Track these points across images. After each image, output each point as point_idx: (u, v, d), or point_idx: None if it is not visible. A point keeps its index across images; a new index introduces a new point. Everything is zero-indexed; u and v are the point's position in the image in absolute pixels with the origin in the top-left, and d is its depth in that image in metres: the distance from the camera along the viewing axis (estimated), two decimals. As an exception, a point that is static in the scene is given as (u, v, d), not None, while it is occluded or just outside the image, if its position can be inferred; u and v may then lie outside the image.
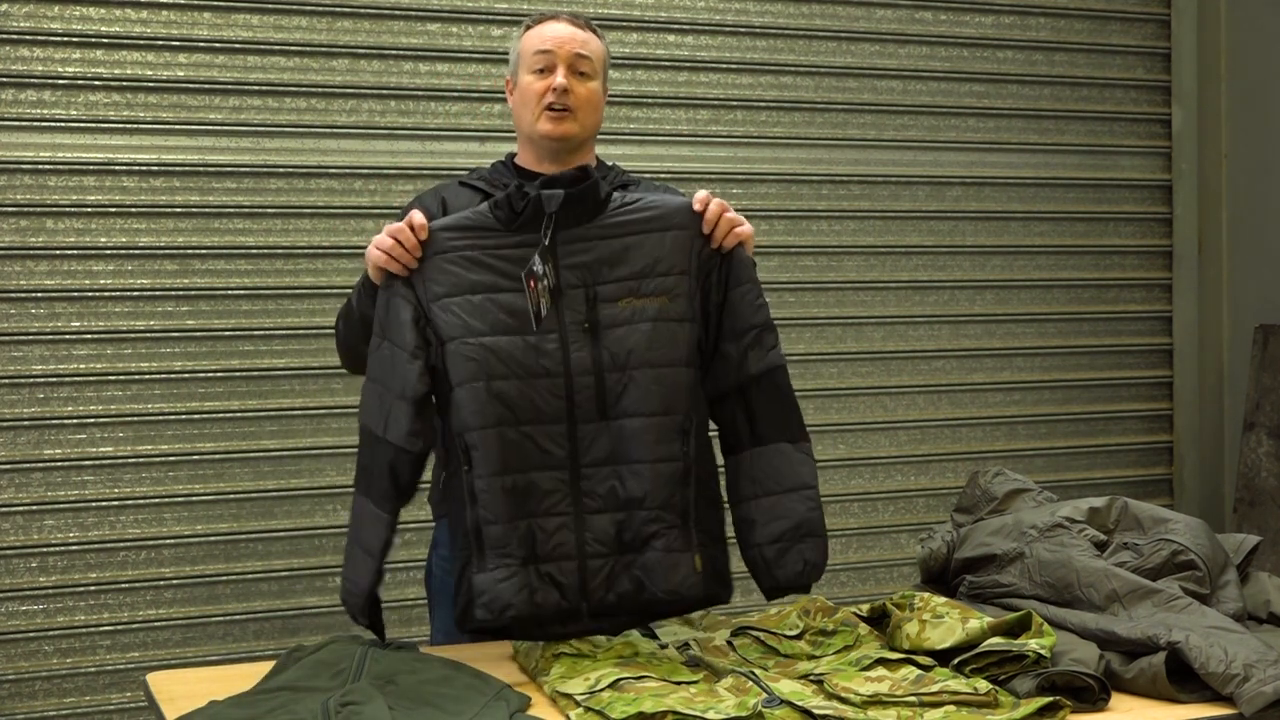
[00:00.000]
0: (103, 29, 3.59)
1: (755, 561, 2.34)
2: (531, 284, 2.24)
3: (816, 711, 1.95)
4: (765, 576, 2.33)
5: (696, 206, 2.34)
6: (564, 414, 2.26)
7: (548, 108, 2.56)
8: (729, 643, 2.27)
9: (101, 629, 3.60)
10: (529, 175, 2.63)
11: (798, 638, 2.29)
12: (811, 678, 2.09)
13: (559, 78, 2.55)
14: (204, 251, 3.69)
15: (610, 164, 2.72)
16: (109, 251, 3.61)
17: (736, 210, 2.24)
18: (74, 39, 3.56)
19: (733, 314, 2.33)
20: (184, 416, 3.67)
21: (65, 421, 3.57)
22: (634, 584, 2.26)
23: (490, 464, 2.23)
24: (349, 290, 3.74)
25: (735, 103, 4.24)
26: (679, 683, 2.06)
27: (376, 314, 2.32)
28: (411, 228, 2.29)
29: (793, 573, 2.32)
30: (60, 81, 3.56)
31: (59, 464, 3.57)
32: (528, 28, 2.63)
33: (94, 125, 3.59)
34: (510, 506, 2.23)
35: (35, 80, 3.54)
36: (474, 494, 2.24)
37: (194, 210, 3.67)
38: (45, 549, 3.56)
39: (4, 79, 3.51)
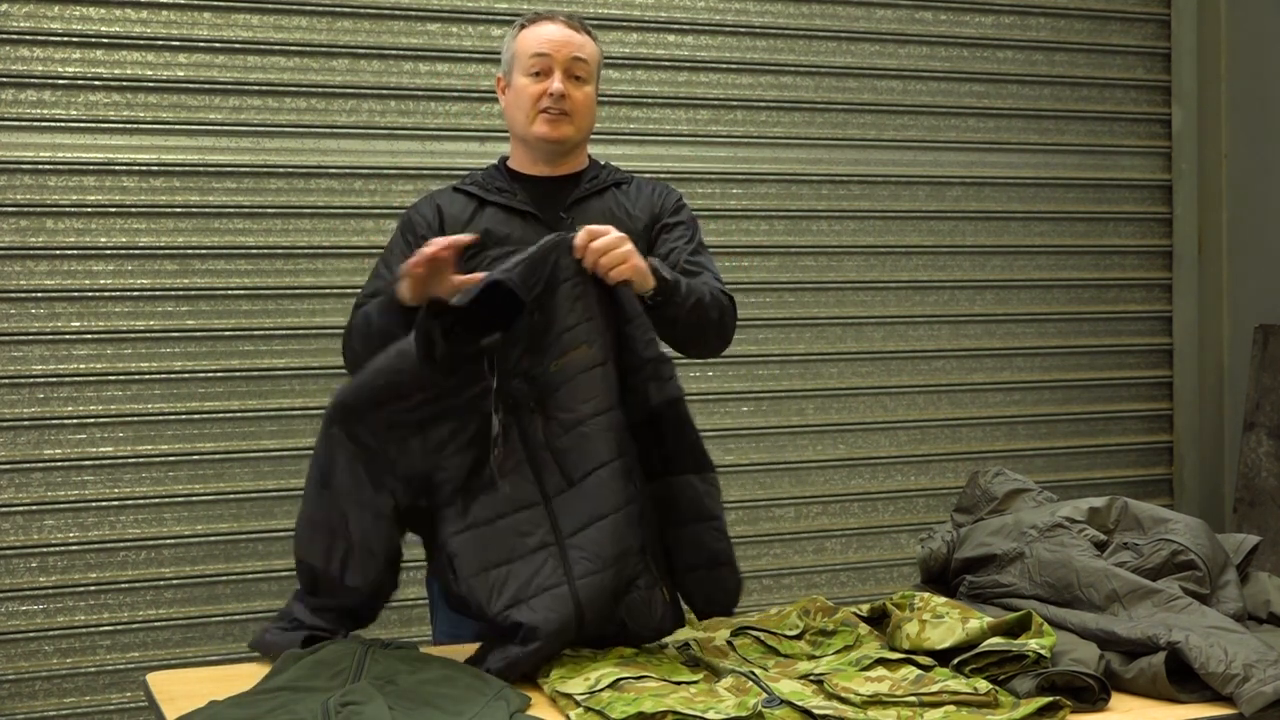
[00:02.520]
0: (103, 29, 3.59)
1: (680, 585, 2.33)
2: (496, 452, 2.24)
3: (816, 711, 1.95)
4: (690, 600, 2.35)
5: (576, 249, 2.28)
6: (538, 495, 2.24)
7: (543, 111, 2.56)
8: (729, 643, 2.27)
9: (101, 629, 3.60)
10: (525, 178, 2.63)
11: (798, 638, 2.29)
12: (811, 678, 2.09)
13: (555, 82, 2.54)
14: (204, 251, 3.69)
15: (604, 163, 2.72)
16: (109, 251, 3.61)
17: (736, 210, 2.24)
18: (74, 39, 3.56)
19: (628, 349, 2.30)
20: (184, 416, 3.67)
21: (65, 421, 3.57)
22: (618, 626, 2.25)
23: (473, 565, 2.21)
24: (349, 290, 3.77)
25: (735, 103, 4.24)
26: (679, 683, 2.06)
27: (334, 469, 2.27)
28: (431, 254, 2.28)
29: (715, 601, 2.33)
30: (60, 81, 3.56)
31: (59, 464, 3.57)
32: (522, 27, 2.62)
33: (94, 125, 3.59)
34: (499, 597, 2.21)
35: (35, 80, 3.54)
36: (460, 596, 2.24)
37: (194, 210, 3.67)
38: (45, 549, 3.56)
39: (4, 79, 3.51)
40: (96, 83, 3.59)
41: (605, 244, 2.27)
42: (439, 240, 2.33)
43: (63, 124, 3.57)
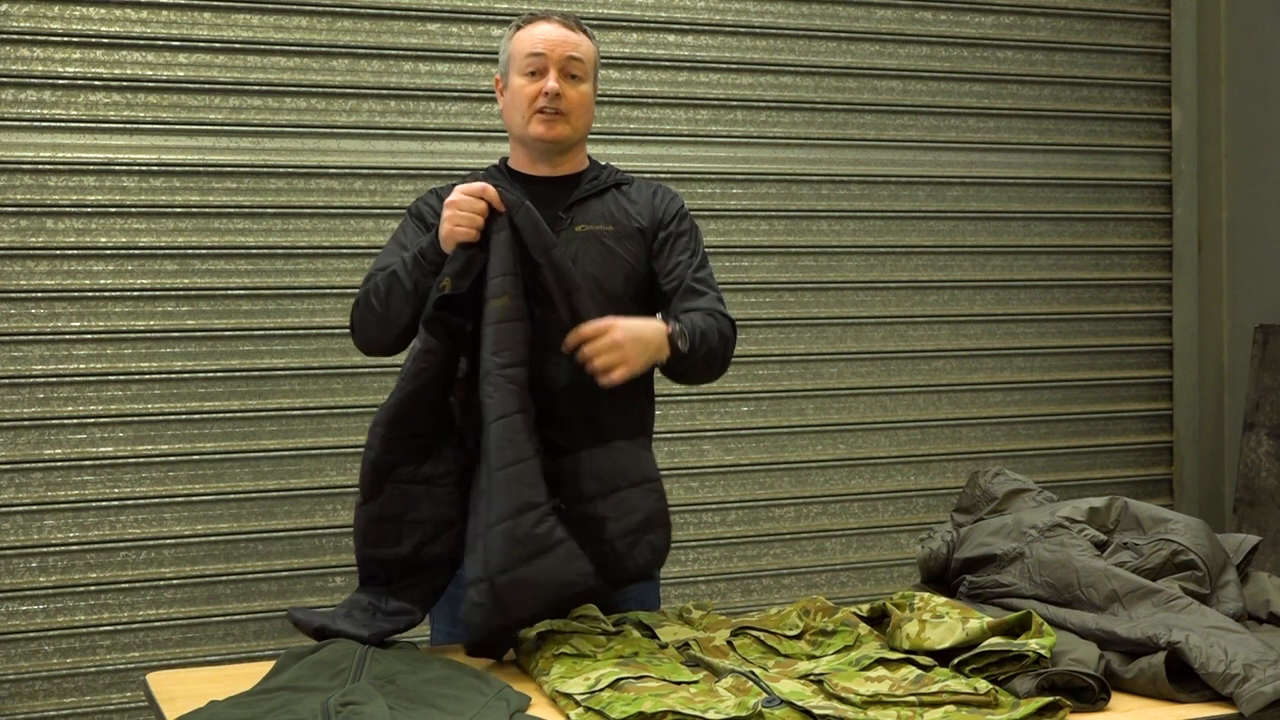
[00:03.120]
0: (103, 29, 3.59)
1: (605, 555, 2.37)
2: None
3: (816, 711, 1.95)
4: (615, 569, 2.39)
5: (566, 346, 2.38)
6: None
7: (539, 110, 2.56)
8: (729, 643, 2.27)
9: (101, 629, 3.60)
10: (522, 178, 2.64)
11: (798, 638, 2.29)
12: (811, 678, 2.09)
13: (551, 81, 2.55)
14: (204, 251, 3.69)
15: (604, 164, 2.73)
16: (109, 251, 3.61)
17: (736, 210, 2.25)
18: (74, 39, 3.56)
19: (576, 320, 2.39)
20: (184, 416, 3.67)
21: (65, 421, 3.57)
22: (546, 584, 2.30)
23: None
24: (349, 290, 3.77)
25: (735, 103, 4.24)
26: (679, 683, 2.06)
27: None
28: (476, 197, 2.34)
29: (643, 561, 2.41)
30: (60, 81, 3.56)
31: (59, 464, 3.57)
32: (518, 27, 2.62)
33: (94, 125, 3.59)
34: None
35: (35, 80, 3.54)
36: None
37: (194, 210, 3.67)
38: (45, 549, 3.56)
39: (4, 79, 3.51)
40: (96, 83, 3.59)
41: (596, 350, 2.35)
42: (479, 188, 2.37)
43: (63, 124, 3.57)
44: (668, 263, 2.62)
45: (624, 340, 2.36)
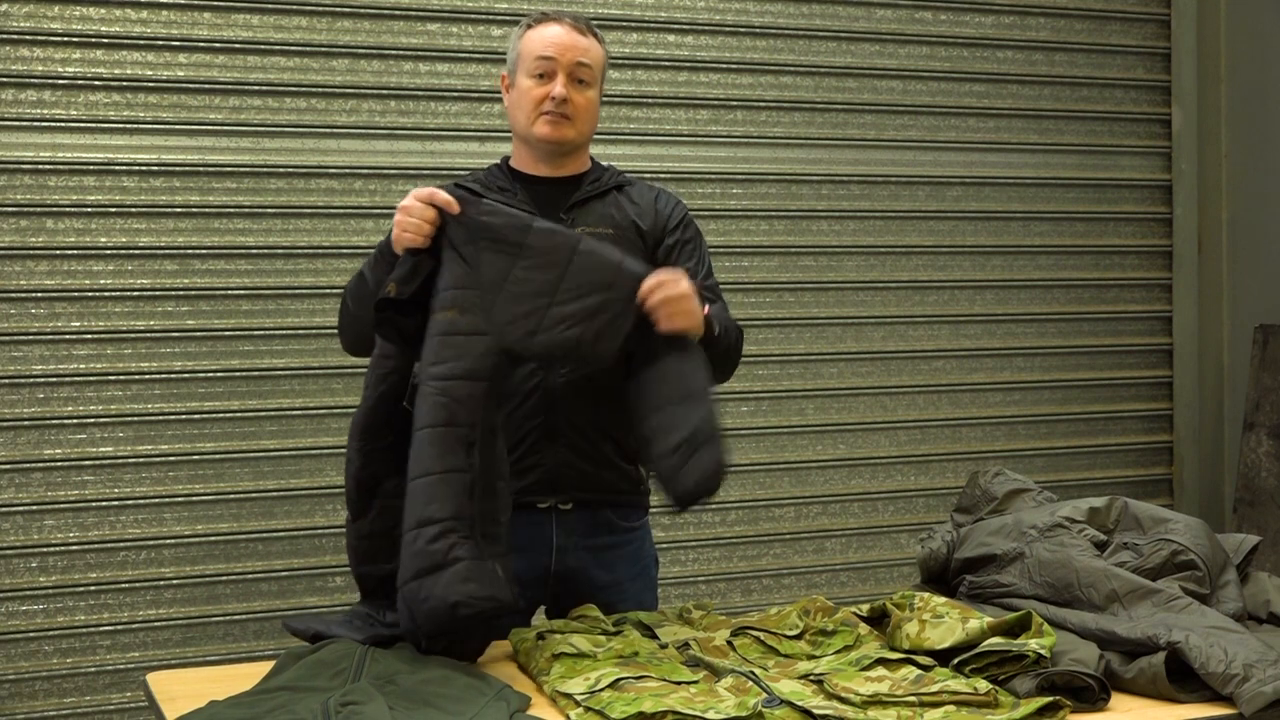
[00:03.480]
0: (103, 29, 3.59)
1: (661, 474, 2.31)
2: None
3: (816, 711, 1.95)
4: (672, 485, 2.29)
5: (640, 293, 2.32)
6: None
7: (545, 113, 2.56)
8: (729, 643, 2.27)
9: (101, 629, 3.60)
10: (524, 178, 2.64)
11: (798, 638, 2.29)
12: (811, 678, 2.09)
13: (558, 86, 2.54)
14: (204, 251, 3.69)
15: (606, 165, 2.72)
16: (109, 251, 3.61)
17: (736, 210, 2.24)
18: (74, 39, 3.56)
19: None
20: (184, 416, 3.67)
21: (65, 421, 3.57)
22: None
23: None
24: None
25: (735, 103, 4.24)
26: (679, 683, 2.06)
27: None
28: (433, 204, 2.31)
29: (690, 483, 2.27)
30: (60, 81, 3.56)
31: (59, 464, 3.57)
32: (528, 26, 2.62)
33: (94, 125, 3.59)
34: None
35: (35, 80, 3.54)
36: None
37: (194, 210, 3.67)
38: (45, 549, 3.56)
39: (4, 79, 3.51)
40: (96, 83, 3.59)
41: (674, 295, 2.29)
42: (427, 193, 2.33)
43: (63, 124, 3.57)
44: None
45: (691, 294, 2.33)
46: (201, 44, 3.67)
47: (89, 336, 3.59)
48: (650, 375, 2.33)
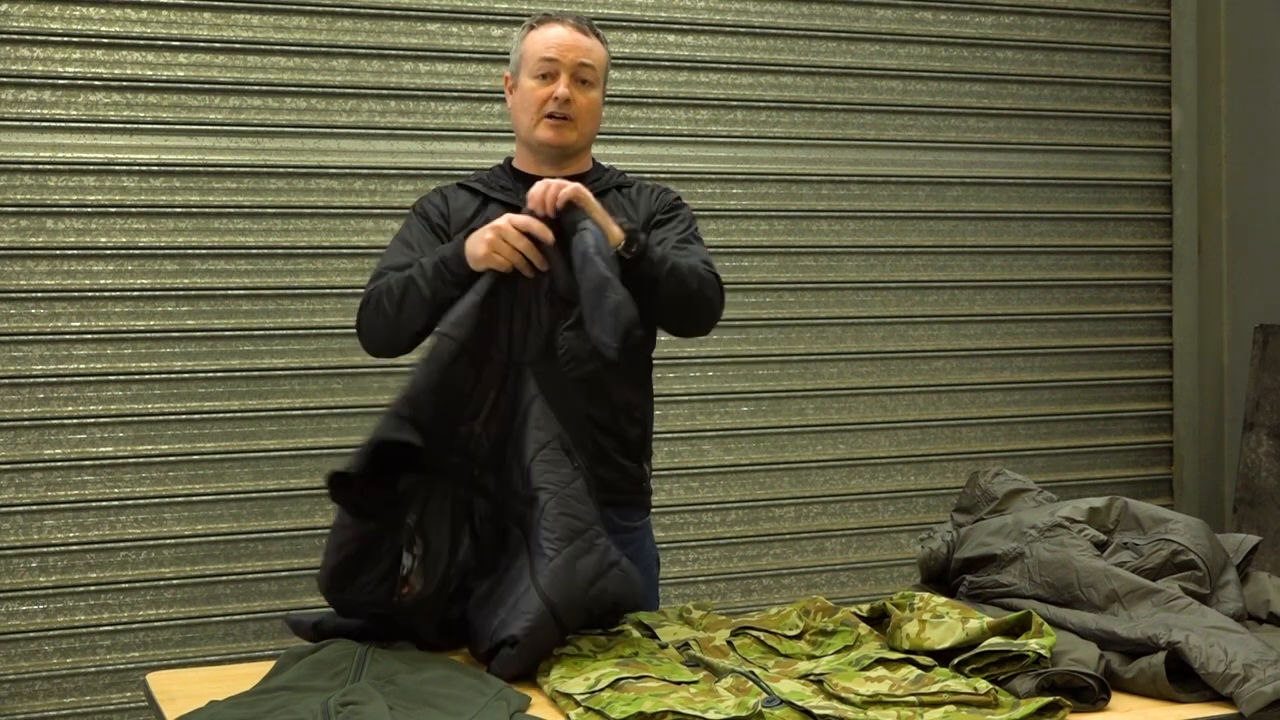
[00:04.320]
0: (103, 29, 3.59)
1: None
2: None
3: (816, 711, 1.95)
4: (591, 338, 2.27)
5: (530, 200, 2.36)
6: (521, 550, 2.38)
7: (548, 115, 2.55)
8: (729, 643, 2.27)
9: (101, 629, 3.60)
10: (527, 179, 2.63)
11: (798, 638, 2.29)
12: (811, 678, 2.09)
13: (561, 87, 2.54)
14: (204, 251, 3.69)
15: (606, 165, 2.72)
16: (109, 251, 3.61)
17: (736, 210, 2.24)
18: (74, 39, 3.56)
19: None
20: (184, 416, 3.67)
21: (65, 421, 3.57)
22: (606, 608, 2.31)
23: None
24: (349, 290, 3.78)
25: (735, 103, 4.24)
26: (679, 683, 2.05)
27: None
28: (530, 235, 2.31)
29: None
30: (60, 81, 3.56)
31: (59, 464, 3.57)
32: (531, 27, 2.62)
33: (94, 125, 3.59)
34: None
35: (35, 80, 3.54)
36: None
37: (194, 210, 3.67)
38: (45, 549, 3.56)
39: (4, 79, 3.51)
40: (96, 83, 3.59)
41: (545, 188, 2.32)
42: (524, 221, 2.33)
43: (63, 124, 3.57)
44: (654, 239, 2.58)
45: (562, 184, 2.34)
46: (201, 44, 3.67)
47: (89, 336, 3.59)
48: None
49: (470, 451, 2.31)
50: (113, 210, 3.61)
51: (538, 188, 2.34)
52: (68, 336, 3.58)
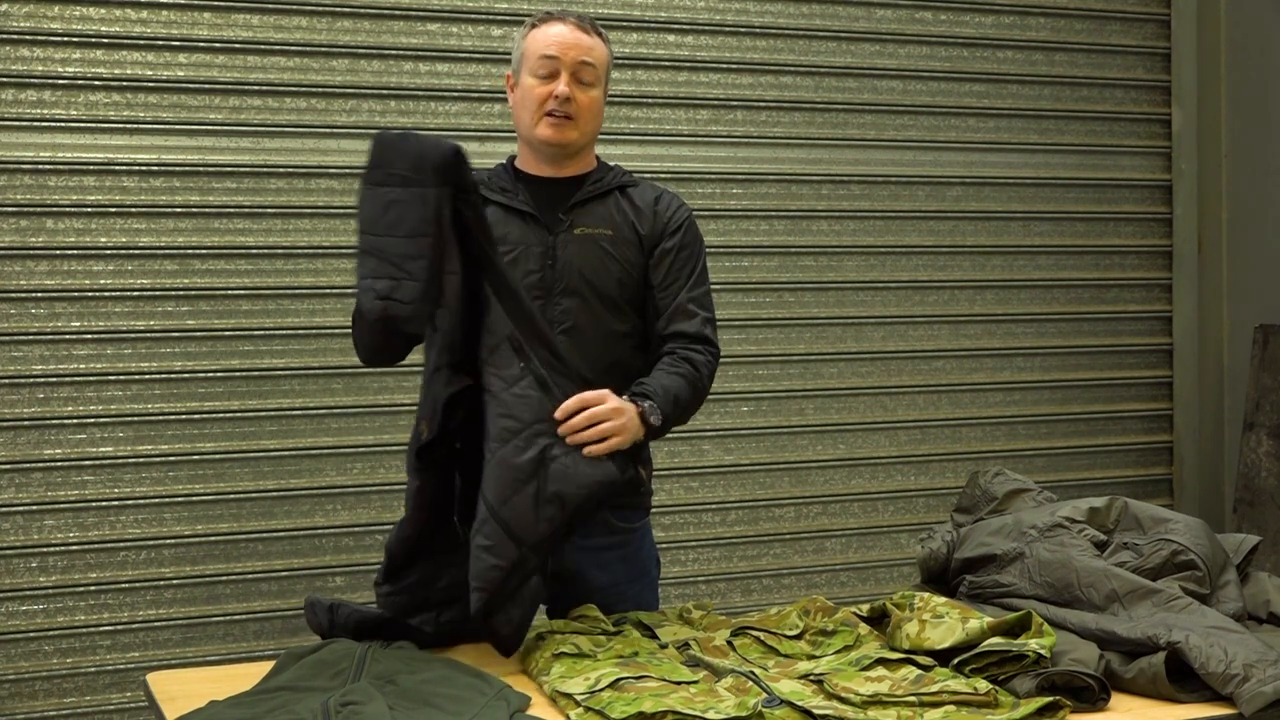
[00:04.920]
0: (103, 29, 3.59)
1: None
2: None
3: (816, 711, 1.95)
4: None
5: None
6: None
7: (548, 113, 2.55)
8: (729, 643, 2.27)
9: (101, 629, 3.60)
10: (529, 179, 2.64)
11: (798, 638, 2.29)
12: (811, 678, 2.09)
13: (561, 85, 2.54)
14: (204, 251, 3.69)
15: (611, 165, 2.72)
16: (109, 251, 3.61)
17: (736, 210, 2.23)
18: (74, 39, 3.56)
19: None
20: (184, 416, 3.67)
21: (65, 421, 3.57)
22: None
23: None
24: (349, 290, 3.75)
25: (735, 103, 4.24)
26: (679, 683, 2.06)
27: None
28: None
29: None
30: (60, 81, 3.56)
31: (59, 464, 3.57)
32: (532, 26, 2.62)
33: (94, 125, 3.59)
34: None
35: (35, 80, 3.54)
36: None
37: (194, 210, 3.67)
38: (45, 549, 3.56)
39: (4, 79, 3.51)
40: (96, 83, 3.59)
41: (597, 415, 2.35)
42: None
43: (63, 124, 3.56)
44: (664, 278, 2.61)
45: (621, 410, 2.38)
46: (201, 44, 3.67)
47: (89, 336, 3.59)
48: None
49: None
50: (113, 210, 3.61)
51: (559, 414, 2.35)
52: (68, 336, 3.58)
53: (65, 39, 3.55)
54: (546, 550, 2.28)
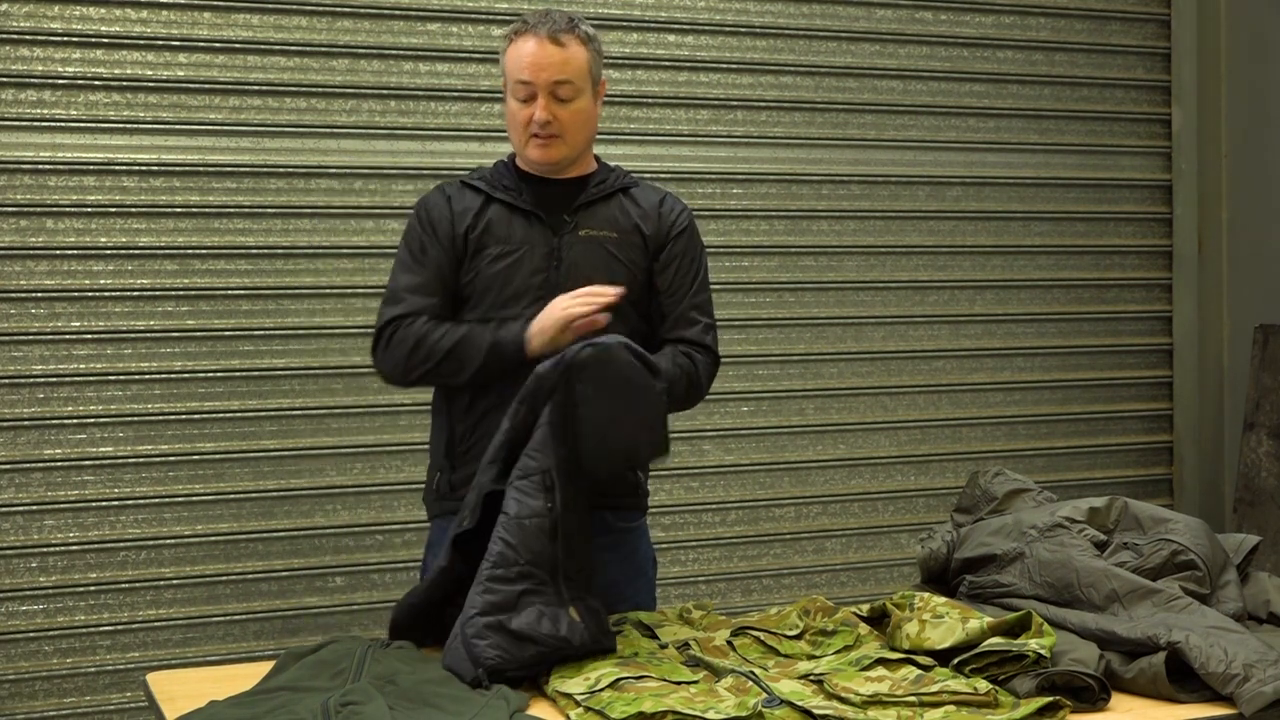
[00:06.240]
0: (103, 29, 3.59)
1: None
2: None
3: (816, 711, 1.95)
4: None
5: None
6: None
7: (533, 135, 2.55)
8: (729, 643, 2.27)
9: (101, 629, 3.60)
10: (531, 179, 2.64)
11: (798, 638, 2.29)
12: (811, 678, 2.09)
13: (539, 111, 2.52)
14: (204, 251, 3.69)
15: (614, 166, 2.72)
16: (109, 251, 3.61)
17: (736, 210, 2.25)
18: (74, 39, 3.56)
19: None
20: (184, 416, 3.67)
21: (65, 421, 3.57)
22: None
23: None
24: (349, 290, 3.78)
25: (735, 103, 4.24)
26: (679, 683, 2.06)
27: None
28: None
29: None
30: (60, 81, 3.56)
31: (59, 464, 3.57)
32: (509, 39, 2.58)
33: (94, 125, 3.59)
34: None
35: (35, 80, 3.54)
36: None
37: (194, 210, 3.67)
38: (45, 549, 3.56)
39: (4, 79, 3.51)
40: (96, 83, 3.59)
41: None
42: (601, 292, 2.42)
43: (63, 124, 3.56)
44: (669, 283, 2.62)
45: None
46: (201, 44, 3.67)
47: (89, 336, 3.59)
48: None
49: None
50: (113, 210, 3.61)
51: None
52: (68, 336, 3.57)
53: (65, 39, 3.55)
54: (504, 680, 2.18)
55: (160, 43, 3.64)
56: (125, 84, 3.61)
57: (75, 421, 3.58)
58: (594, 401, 2.25)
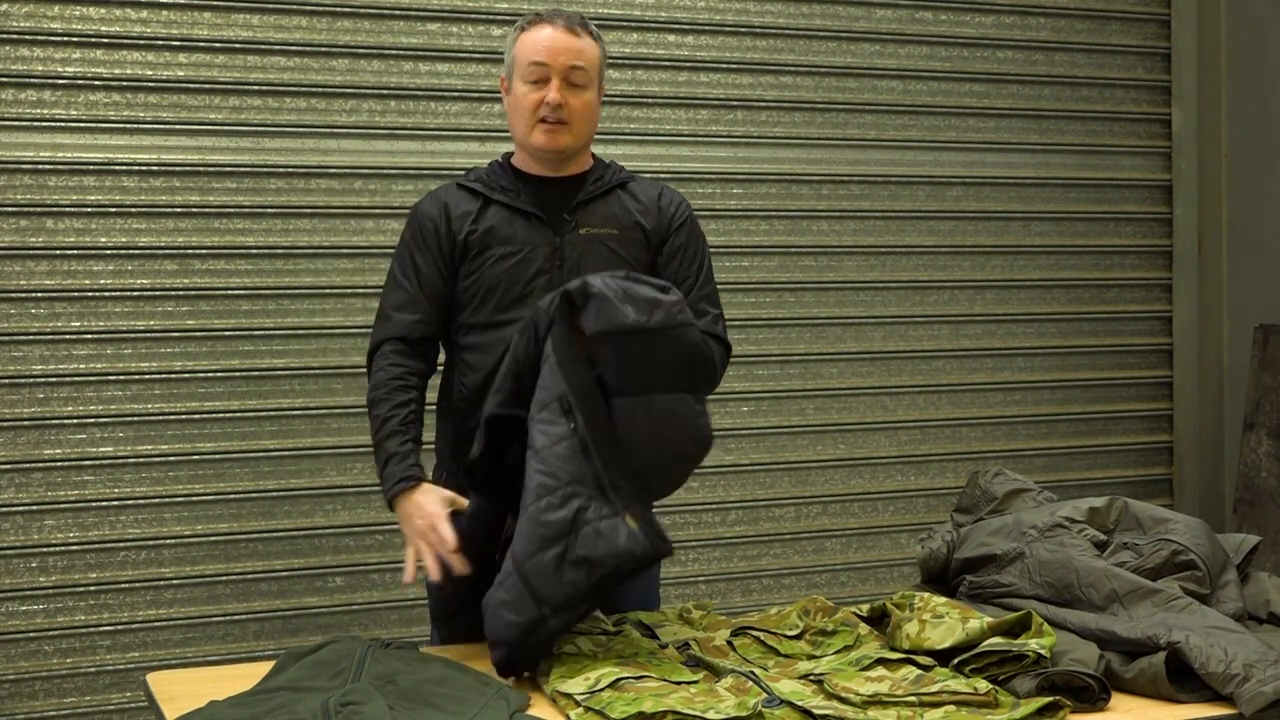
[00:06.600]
0: (103, 29, 3.59)
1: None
2: None
3: (816, 711, 1.95)
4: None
5: None
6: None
7: (542, 120, 2.55)
8: (729, 643, 2.27)
9: (101, 629, 3.60)
10: (529, 178, 2.63)
11: (798, 638, 2.29)
12: (811, 678, 2.09)
13: (552, 93, 2.53)
14: (204, 251, 3.69)
15: (609, 162, 2.72)
16: (109, 251, 3.61)
17: (736, 210, 2.23)
18: (74, 39, 3.56)
19: None
20: (184, 416, 3.67)
21: (65, 421, 3.57)
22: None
23: None
24: (349, 290, 3.79)
25: (735, 103, 4.24)
26: (679, 683, 2.06)
27: None
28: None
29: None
30: (60, 81, 3.56)
31: (59, 464, 3.57)
32: (522, 29, 2.59)
33: (94, 125, 3.59)
34: None
35: (35, 80, 3.54)
36: None
37: (194, 210, 3.67)
38: (45, 549, 3.56)
39: (4, 79, 3.51)
40: (96, 83, 3.59)
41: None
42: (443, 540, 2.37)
43: (63, 124, 3.56)
44: (674, 276, 2.61)
45: None
46: (201, 44, 3.67)
47: (89, 336, 3.59)
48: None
49: None
50: (113, 210, 3.61)
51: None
52: (68, 336, 3.57)
53: (65, 39, 3.55)
54: (570, 615, 2.18)
55: (160, 43, 3.64)
56: (125, 84, 3.61)
57: (75, 421, 3.58)
58: (639, 447, 2.27)
